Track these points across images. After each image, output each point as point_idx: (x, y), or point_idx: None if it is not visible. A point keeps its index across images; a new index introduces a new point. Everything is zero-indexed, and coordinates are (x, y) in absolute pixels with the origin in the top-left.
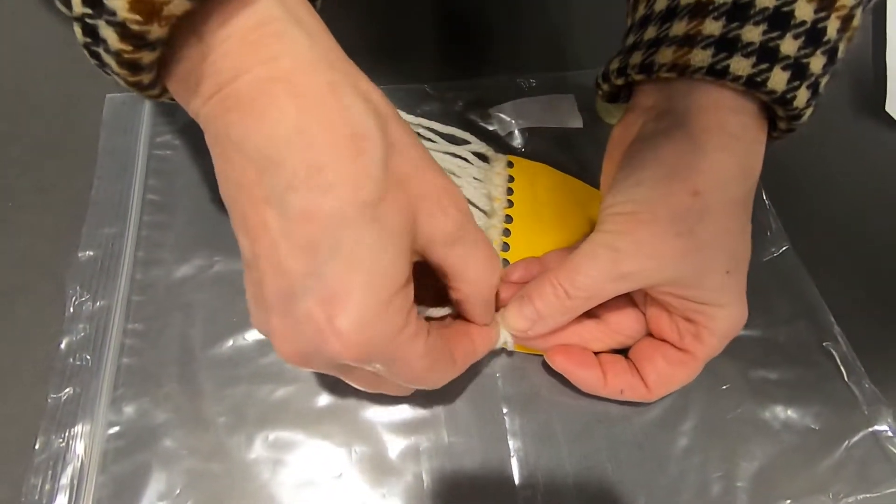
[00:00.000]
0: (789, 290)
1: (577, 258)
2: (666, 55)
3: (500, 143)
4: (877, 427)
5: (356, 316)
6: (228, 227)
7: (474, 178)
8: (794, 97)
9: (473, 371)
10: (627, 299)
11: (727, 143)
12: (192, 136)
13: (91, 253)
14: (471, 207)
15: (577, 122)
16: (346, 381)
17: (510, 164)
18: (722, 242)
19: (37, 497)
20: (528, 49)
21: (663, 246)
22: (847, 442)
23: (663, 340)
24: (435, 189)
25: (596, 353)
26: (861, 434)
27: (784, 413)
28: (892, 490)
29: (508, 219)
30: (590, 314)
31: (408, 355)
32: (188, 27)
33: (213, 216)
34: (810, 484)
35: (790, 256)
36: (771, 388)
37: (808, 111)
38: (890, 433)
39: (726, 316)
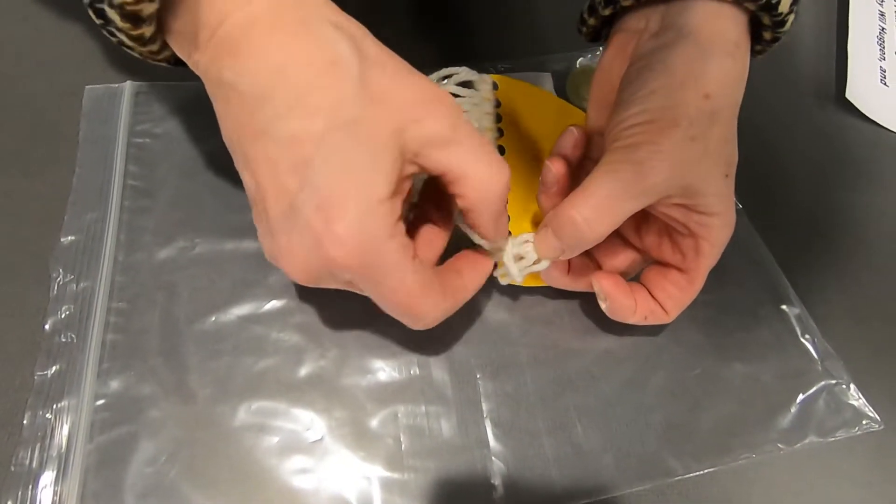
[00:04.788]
0: (746, 257)
1: (597, 181)
2: None
3: None
4: (830, 380)
5: (349, 217)
6: (209, 210)
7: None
8: (779, 2)
9: (447, 341)
10: (619, 241)
11: (731, 50)
12: (171, 124)
13: (73, 237)
14: None
15: None
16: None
17: (495, 86)
18: (724, 146)
19: (27, 467)
20: (503, 35)
21: (681, 152)
22: (802, 395)
23: (667, 265)
24: (419, 94)
25: None
26: (816, 387)
27: (743, 370)
28: (842, 435)
29: (501, 150)
30: (591, 260)
31: (397, 266)
32: None
33: (193, 200)
34: (768, 434)
35: (746, 227)
36: (730, 347)
37: (791, 18)
38: (843, 385)
39: (722, 224)
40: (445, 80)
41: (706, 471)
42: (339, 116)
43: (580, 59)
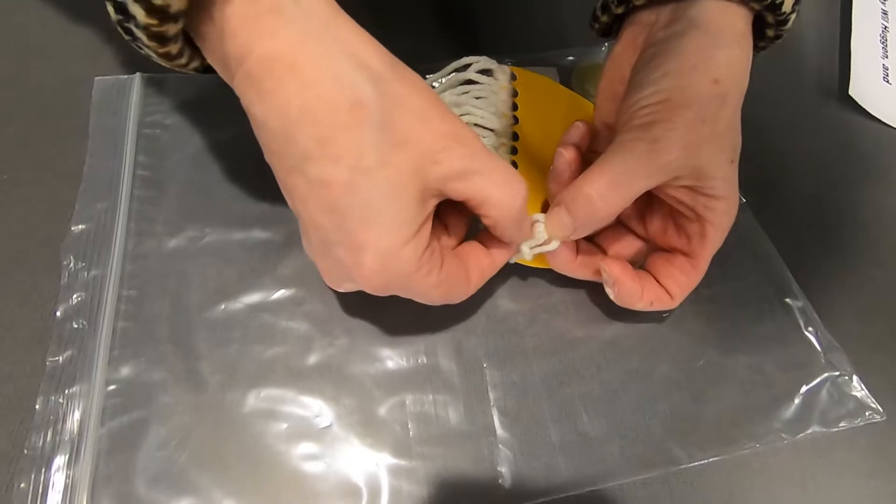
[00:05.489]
0: (750, 252)
1: (612, 158)
2: None
3: None
4: (833, 372)
5: (374, 262)
6: (218, 200)
7: (477, 98)
8: (783, 2)
9: (455, 330)
10: (624, 230)
11: (738, 40)
12: (181, 115)
13: (84, 226)
14: (479, 128)
15: None
16: None
17: (513, 77)
18: (731, 132)
19: (39, 451)
20: (509, 30)
21: (692, 132)
22: (806, 386)
23: (671, 251)
24: (439, 136)
25: None
26: (819, 379)
27: (747, 361)
28: (845, 426)
29: (515, 136)
30: (597, 248)
31: (422, 288)
32: (201, 5)
33: (203, 190)
34: (772, 424)
35: (750, 221)
36: (734, 339)
37: (793, 17)
38: (845, 376)
39: (727, 209)
40: (466, 69)
41: (710, 460)
42: (363, 163)
43: (586, 55)
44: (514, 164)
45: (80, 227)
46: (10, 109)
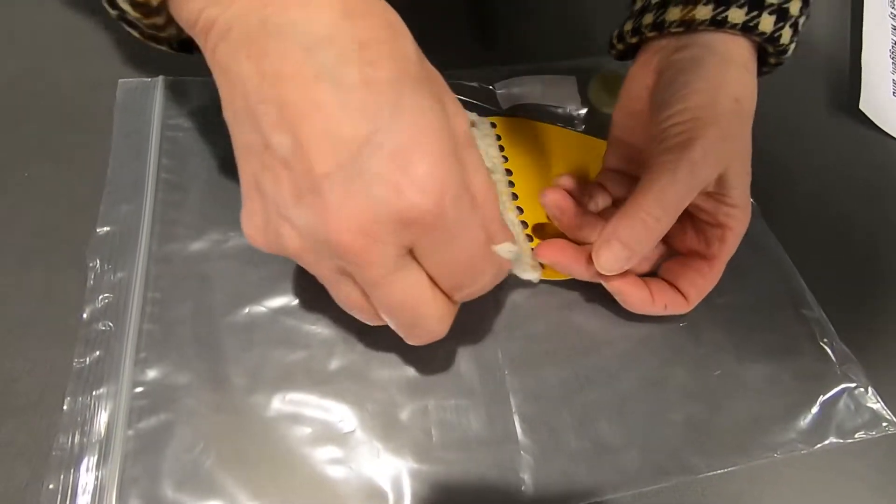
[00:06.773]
0: (765, 262)
1: (658, 180)
2: (674, 13)
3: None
4: (848, 383)
5: (430, 160)
6: (241, 204)
7: None
8: (780, 35)
9: (475, 336)
10: None
11: (747, 66)
12: (204, 119)
13: (108, 229)
14: None
15: (576, 103)
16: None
17: (493, 125)
18: (748, 146)
19: (68, 452)
20: (526, 36)
21: (721, 147)
22: (822, 397)
23: (688, 254)
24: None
25: None
26: (835, 390)
27: (763, 372)
28: (861, 437)
29: (509, 172)
30: None
31: (475, 220)
32: None
33: (226, 194)
34: (788, 435)
35: (765, 233)
36: (751, 350)
37: (792, 46)
38: (861, 388)
39: (744, 216)
40: None
41: (728, 469)
42: (406, 69)
43: (606, 64)
44: (520, 209)
45: (105, 229)
46: (32, 108)
